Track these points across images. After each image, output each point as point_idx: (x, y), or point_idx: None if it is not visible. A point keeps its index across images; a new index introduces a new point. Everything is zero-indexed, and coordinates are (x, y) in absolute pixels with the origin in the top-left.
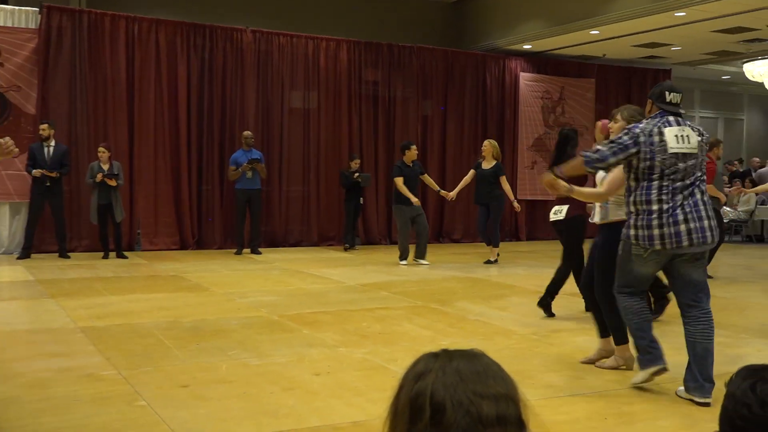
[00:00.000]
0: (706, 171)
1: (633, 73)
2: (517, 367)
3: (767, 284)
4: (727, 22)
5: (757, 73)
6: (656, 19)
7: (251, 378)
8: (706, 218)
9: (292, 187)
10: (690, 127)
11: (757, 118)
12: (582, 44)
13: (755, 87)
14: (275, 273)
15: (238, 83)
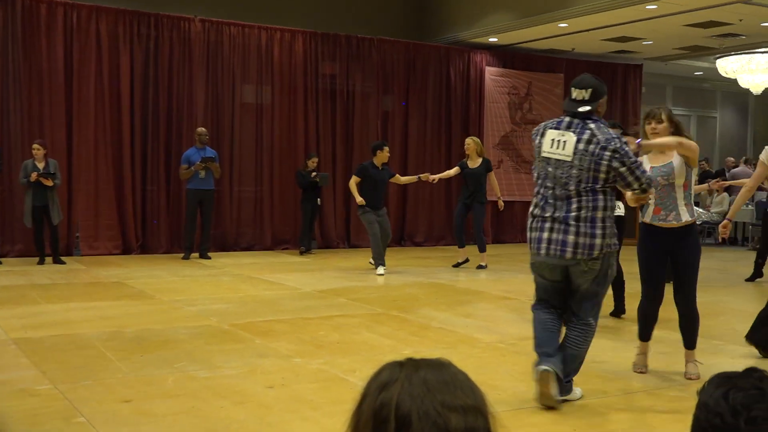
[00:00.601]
0: None
1: (603, 68)
2: (483, 377)
3: (742, 288)
4: (699, 15)
5: (730, 70)
6: (626, 12)
7: (199, 392)
8: (574, 234)
9: (244, 188)
10: (585, 130)
11: (731, 116)
12: (550, 38)
13: (728, 84)
14: (226, 279)
15: (186, 76)
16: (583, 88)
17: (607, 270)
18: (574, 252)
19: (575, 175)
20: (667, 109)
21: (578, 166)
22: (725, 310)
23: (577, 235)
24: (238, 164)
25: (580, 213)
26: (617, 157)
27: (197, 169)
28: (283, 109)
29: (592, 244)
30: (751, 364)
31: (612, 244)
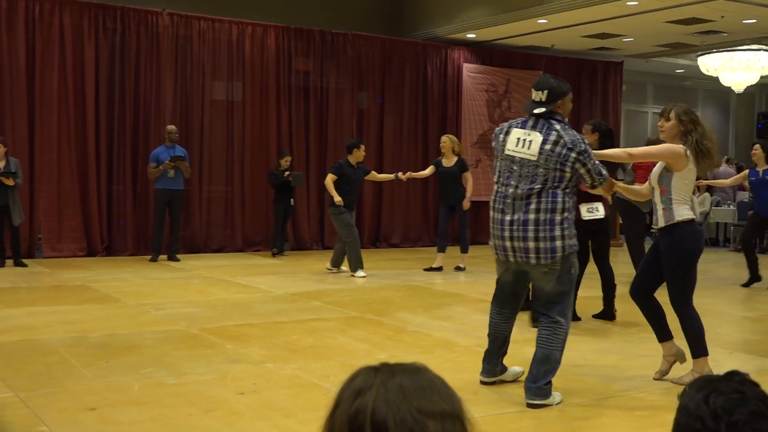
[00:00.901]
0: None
1: (583, 65)
2: (460, 381)
3: (723, 290)
4: (681, 12)
5: (712, 67)
6: (607, 8)
7: (167, 399)
8: (533, 240)
9: (214, 187)
10: (550, 131)
11: (712, 114)
12: (529, 34)
13: (710, 82)
14: (195, 282)
15: (154, 72)
16: (540, 89)
17: (570, 269)
18: (537, 257)
19: (541, 174)
20: (681, 107)
21: (544, 166)
22: (707, 312)
23: (537, 240)
24: (208, 163)
25: (539, 216)
26: (581, 159)
27: (166, 168)
28: (254, 107)
29: (553, 248)
30: (732, 368)
31: (573, 244)
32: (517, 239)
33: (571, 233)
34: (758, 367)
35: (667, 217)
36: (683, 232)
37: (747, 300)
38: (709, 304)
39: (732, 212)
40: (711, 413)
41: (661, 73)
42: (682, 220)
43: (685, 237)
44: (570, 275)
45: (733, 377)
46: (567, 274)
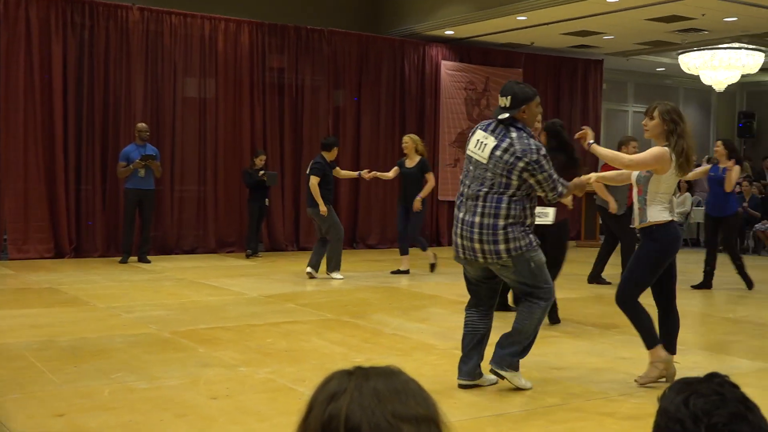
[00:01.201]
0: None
1: (563, 63)
2: (438, 385)
3: (703, 291)
4: (661, 10)
5: (693, 66)
6: (587, 5)
7: (138, 404)
8: (478, 242)
9: (186, 187)
10: (505, 137)
11: (693, 113)
12: (508, 31)
13: (691, 80)
14: (167, 284)
15: (124, 68)
16: (505, 95)
17: (526, 264)
18: (484, 257)
19: (489, 178)
20: (665, 105)
21: (492, 170)
22: (687, 313)
23: (481, 243)
24: (179, 162)
25: (483, 219)
26: (529, 170)
27: (136, 167)
28: (228, 104)
29: (497, 250)
30: (712, 370)
31: (521, 246)
32: (465, 238)
33: (520, 236)
34: (737, 369)
35: (641, 217)
36: (663, 233)
37: (727, 301)
38: (690, 305)
39: None
40: (691, 415)
41: (642, 72)
42: (656, 222)
43: (664, 239)
44: (529, 268)
45: (712, 379)
46: (525, 268)
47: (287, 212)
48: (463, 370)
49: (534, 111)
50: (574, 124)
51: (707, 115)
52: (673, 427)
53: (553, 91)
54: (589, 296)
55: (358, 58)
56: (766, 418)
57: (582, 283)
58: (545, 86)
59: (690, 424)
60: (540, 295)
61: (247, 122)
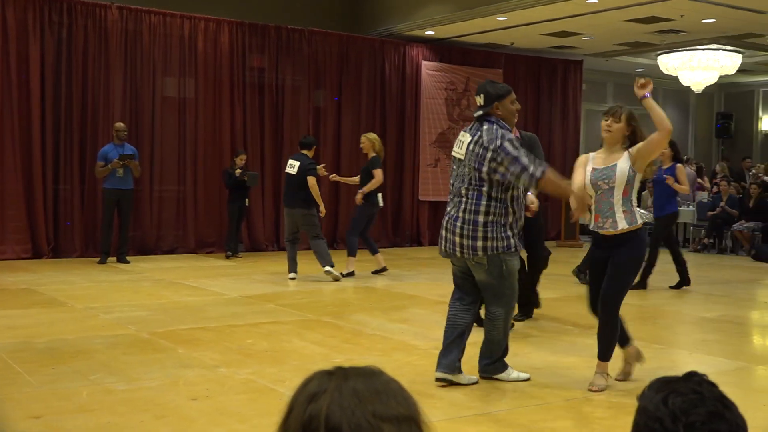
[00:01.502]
0: None
1: (543, 63)
2: (418, 385)
3: (683, 291)
4: (640, 11)
5: (671, 67)
6: (567, 6)
7: (117, 405)
8: (459, 236)
9: (166, 187)
10: (477, 132)
11: (672, 113)
12: (488, 31)
13: (670, 81)
14: (146, 285)
15: (102, 68)
16: (479, 94)
17: (499, 267)
18: (462, 252)
19: (467, 174)
20: (629, 110)
21: (468, 165)
22: (666, 313)
23: (461, 237)
24: (159, 162)
25: (465, 215)
26: (496, 159)
27: (115, 166)
28: (207, 104)
29: (474, 246)
30: (691, 368)
31: (498, 246)
32: (449, 231)
33: (499, 236)
34: (717, 368)
35: (629, 221)
36: (641, 238)
37: (705, 301)
38: (668, 304)
39: (692, 213)
40: (669, 414)
41: (621, 72)
42: (639, 226)
43: (641, 243)
44: (501, 272)
45: (691, 378)
46: (496, 269)
47: (267, 212)
48: (442, 363)
49: (508, 107)
50: (554, 124)
51: (686, 116)
52: (652, 425)
53: (533, 92)
54: (569, 296)
55: (338, 58)
56: (743, 416)
57: (562, 283)
58: (525, 86)
59: (669, 423)
60: (503, 302)
61: (227, 122)
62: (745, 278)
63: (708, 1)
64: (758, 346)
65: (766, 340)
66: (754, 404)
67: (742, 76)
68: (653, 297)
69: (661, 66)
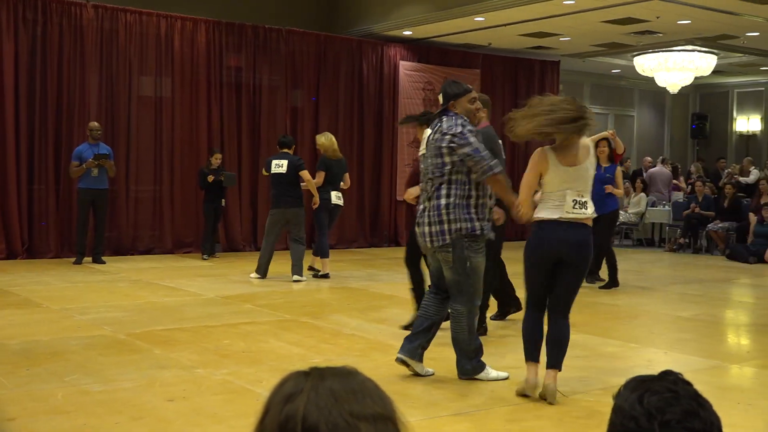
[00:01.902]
0: None
1: (520, 64)
2: (396, 385)
3: (658, 290)
4: (617, 12)
5: (648, 68)
6: (544, 6)
7: (93, 407)
8: (427, 225)
9: (142, 187)
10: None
11: (648, 114)
12: (466, 32)
13: (646, 82)
14: (122, 285)
15: (78, 66)
16: (439, 94)
17: (462, 257)
18: (432, 241)
19: (430, 164)
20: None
21: (430, 156)
22: (642, 312)
23: (430, 225)
24: (135, 161)
25: (430, 203)
26: (455, 142)
27: (89, 166)
28: (184, 103)
29: (441, 230)
30: (667, 367)
31: (463, 228)
32: (420, 224)
33: (459, 217)
34: (692, 366)
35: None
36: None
37: (681, 300)
38: (644, 304)
39: (667, 212)
40: (645, 413)
41: (598, 73)
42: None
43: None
44: (463, 265)
45: (666, 377)
46: (459, 262)
47: (245, 212)
48: (405, 347)
49: (464, 105)
50: None
51: (661, 117)
52: (627, 424)
53: (511, 92)
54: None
55: (316, 57)
56: (717, 415)
57: None
58: (503, 87)
59: (644, 422)
60: (464, 300)
61: (204, 122)
62: (720, 278)
63: (683, 3)
64: (733, 344)
65: (741, 338)
66: (728, 402)
67: (717, 77)
68: (628, 297)
69: (637, 67)
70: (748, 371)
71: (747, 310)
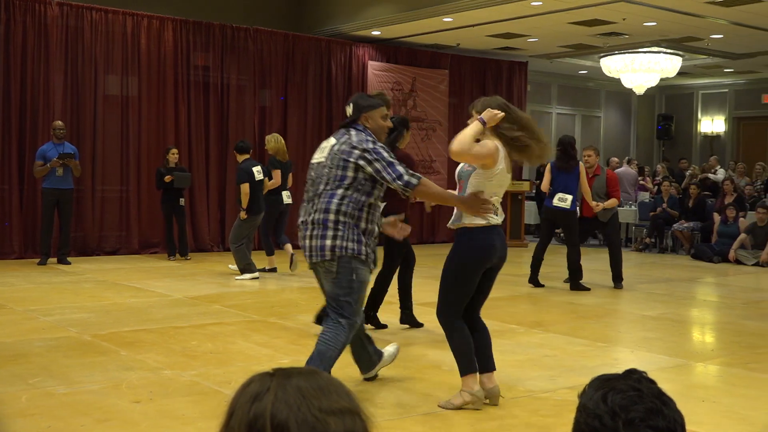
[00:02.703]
0: None
1: (488, 64)
2: (362, 385)
3: (625, 289)
4: (583, 13)
5: (614, 69)
6: (512, 7)
7: (57, 409)
8: (309, 238)
9: (108, 187)
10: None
11: (615, 115)
12: (435, 32)
13: (612, 83)
14: (87, 286)
15: (42, 65)
16: (348, 104)
17: (349, 275)
18: (311, 255)
19: (326, 174)
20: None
21: (329, 165)
22: (608, 312)
23: (311, 239)
24: (101, 161)
25: (314, 216)
26: (365, 157)
27: (54, 166)
28: (151, 103)
29: (322, 246)
30: (632, 366)
31: (347, 247)
32: (301, 238)
33: (351, 237)
34: (658, 365)
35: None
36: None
37: (647, 299)
38: (611, 303)
39: (633, 212)
40: (609, 411)
41: (565, 74)
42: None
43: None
44: (350, 281)
45: (630, 375)
46: (345, 278)
47: (212, 213)
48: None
49: (377, 120)
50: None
51: (627, 118)
52: (591, 422)
53: (479, 92)
54: (513, 295)
55: (284, 57)
56: (681, 412)
57: (504, 283)
58: (471, 87)
59: (608, 420)
60: (345, 313)
61: (171, 121)
62: (685, 277)
63: (649, 5)
64: (697, 343)
65: (706, 337)
66: (693, 400)
67: (682, 78)
68: (596, 296)
69: (603, 68)
70: (713, 369)
71: (711, 309)
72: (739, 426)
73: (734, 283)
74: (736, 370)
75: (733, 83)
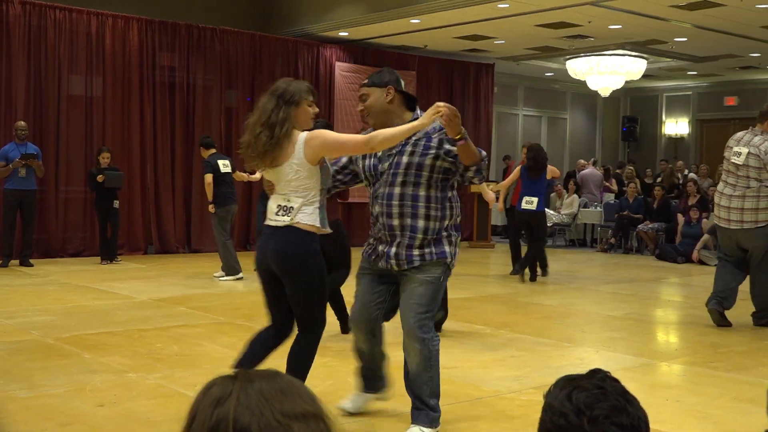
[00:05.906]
0: None
1: (455, 66)
2: (332, 386)
3: (590, 290)
4: (550, 16)
5: (580, 71)
6: (478, 9)
7: (20, 413)
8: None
9: (72, 188)
10: None
11: (580, 117)
12: (402, 33)
13: (578, 85)
14: (50, 288)
15: (4, 64)
16: None
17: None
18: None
19: None
20: None
21: None
22: (573, 312)
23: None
24: (65, 162)
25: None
26: None
27: (16, 166)
28: (116, 103)
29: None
30: (598, 365)
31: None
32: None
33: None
34: (622, 364)
35: None
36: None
37: (612, 299)
38: (576, 303)
39: (599, 213)
40: (574, 409)
41: (532, 76)
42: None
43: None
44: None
45: (594, 374)
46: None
47: (178, 214)
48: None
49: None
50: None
51: (593, 120)
52: (557, 421)
53: (446, 94)
54: (481, 296)
55: (251, 57)
56: (644, 410)
57: (473, 284)
58: (438, 88)
59: (573, 418)
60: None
61: (136, 121)
62: (650, 277)
63: (615, 8)
64: (662, 342)
65: (670, 336)
66: (657, 399)
67: (647, 81)
68: (561, 296)
69: (569, 70)
70: (677, 368)
71: (675, 309)
72: (702, 424)
73: (698, 284)
74: (699, 369)
75: (697, 86)
